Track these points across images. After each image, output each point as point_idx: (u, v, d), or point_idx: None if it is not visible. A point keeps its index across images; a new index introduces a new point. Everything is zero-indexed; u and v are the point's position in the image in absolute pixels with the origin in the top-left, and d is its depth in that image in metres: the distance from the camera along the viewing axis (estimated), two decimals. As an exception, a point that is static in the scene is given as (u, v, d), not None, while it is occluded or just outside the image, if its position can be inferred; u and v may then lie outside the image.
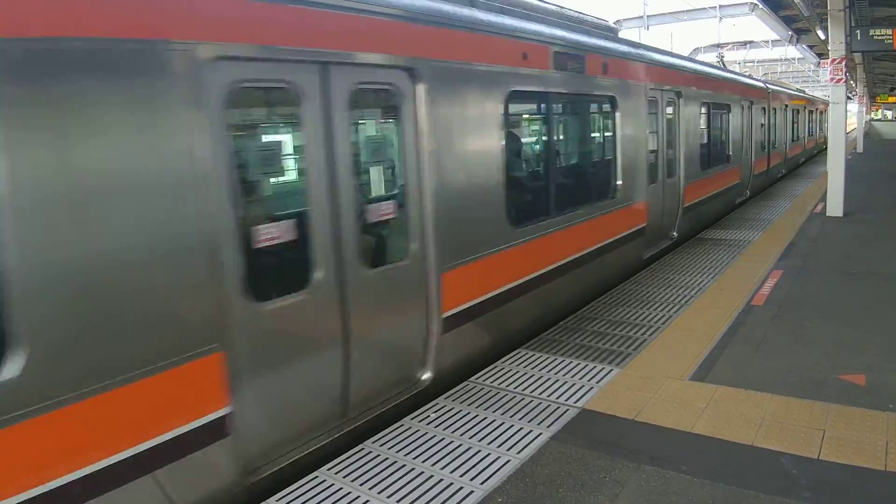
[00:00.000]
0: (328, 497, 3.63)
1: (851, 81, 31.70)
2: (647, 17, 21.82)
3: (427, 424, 4.48)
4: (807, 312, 6.61)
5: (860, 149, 32.23)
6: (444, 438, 4.27)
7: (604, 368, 5.34)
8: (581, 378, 5.17)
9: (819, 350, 5.53)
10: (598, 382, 5.07)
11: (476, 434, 4.32)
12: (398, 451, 4.11)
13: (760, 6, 18.89)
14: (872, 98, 41.93)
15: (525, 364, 5.52)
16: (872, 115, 53.70)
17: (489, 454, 4.05)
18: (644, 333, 6.16)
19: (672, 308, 6.91)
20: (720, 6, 20.95)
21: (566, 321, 6.66)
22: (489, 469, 3.87)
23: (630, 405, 4.64)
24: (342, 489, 3.70)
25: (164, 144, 3.12)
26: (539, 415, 4.56)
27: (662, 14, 22.42)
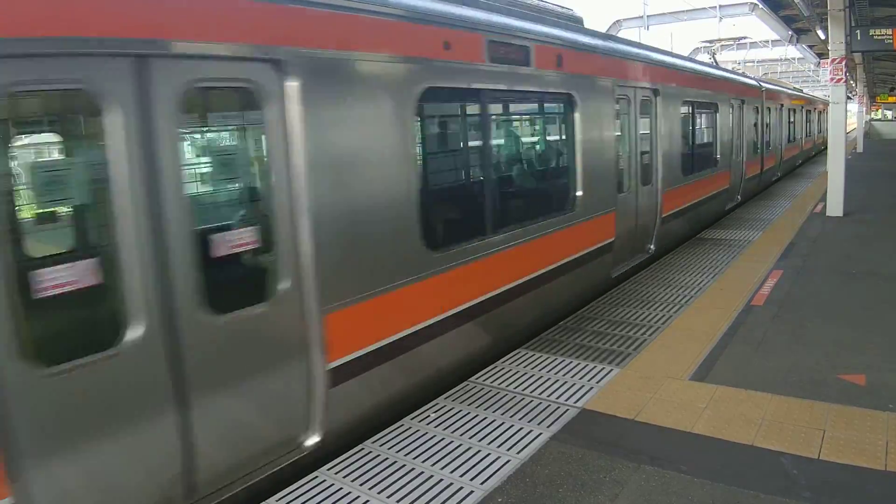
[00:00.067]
0: (328, 497, 3.63)
1: (851, 81, 31.69)
2: (648, 17, 21.81)
3: (427, 424, 4.47)
4: (807, 312, 6.61)
5: (860, 149, 32.23)
6: (444, 438, 4.27)
7: (604, 368, 5.34)
8: (581, 378, 5.17)
9: (819, 350, 5.53)
10: (598, 382, 5.06)
11: (476, 434, 4.31)
12: (398, 451, 4.11)
13: (760, 6, 18.90)
14: (872, 98, 41.92)
15: (525, 364, 5.52)
16: (872, 115, 53.71)
17: (489, 454, 4.04)
18: (644, 333, 6.16)
19: (672, 308, 6.91)
20: (720, 6, 20.93)
21: (566, 321, 6.66)
22: (489, 469, 3.87)
23: (630, 405, 4.64)
24: (342, 489, 3.70)
25: None
26: (539, 415, 4.56)
27: (662, 14, 22.40)
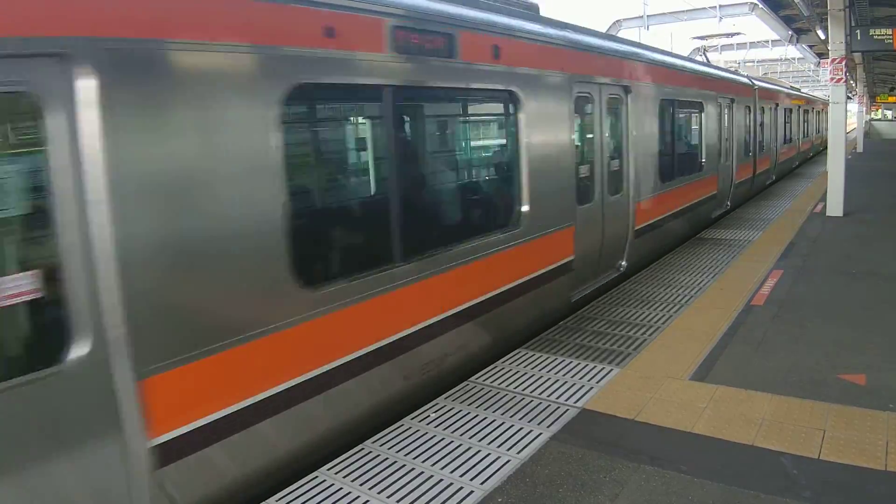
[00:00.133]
0: (328, 497, 3.62)
1: (851, 81, 31.69)
2: (648, 17, 21.82)
3: (427, 424, 4.47)
4: (807, 312, 6.61)
5: (860, 149, 32.24)
6: (444, 438, 4.26)
7: (604, 368, 5.34)
8: (581, 378, 5.17)
9: (819, 350, 5.53)
10: (598, 382, 5.06)
11: (476, 434, 4.31)
12: (398, 451, 4.11)
13: (760, 6, 18.90)
14: (872, 98, 41.91)
15: (525, 364, 5.51)
16: (872, 115, 53.70)
17: (489, 454, 4.04)
18: (644, 333, 6.16)
19: (672, 308, 6.91)
20: (720, 6, 20.92)
21: (566, 321, 6.66)
22: (489, 469, 3.87)
23: (630, 405, 4.64)
24: (342, 489, 3.69)
25: None
26: (539, 415, 4.56)
27: (662, 14, 22.41)
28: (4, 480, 2.70)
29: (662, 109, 9.41)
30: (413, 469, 3.90)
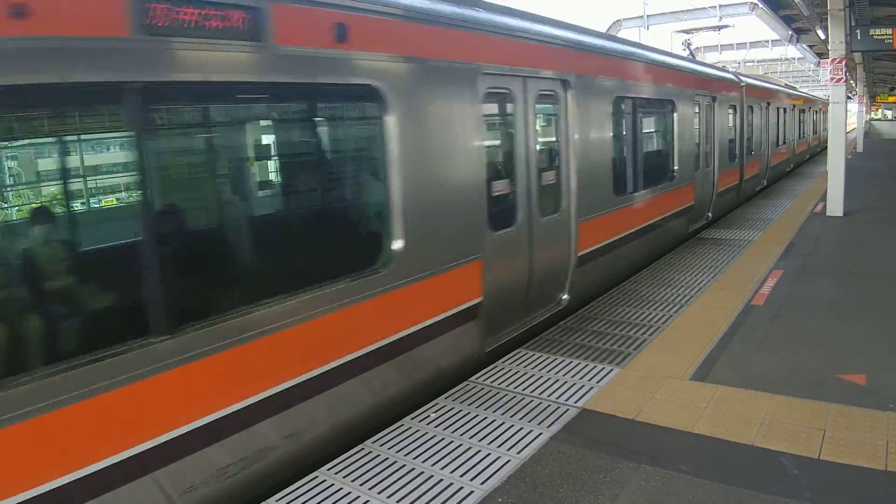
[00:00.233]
0: (328, 497, 3.62)
1: (851, 81, 31.69)
2: (647, 17, 21.83)
3: (427, 424, 4.47)
4: (807, 312, 6.61)
5: (860, 148, 32.27)
6: (444, 438, 4.26)
7: (604, 368, 5.34)
8: (581, 378, 5.17)
9: (819, 350, 5.53)
10: (599, 382, 5.06)
11: (476, 434, 4.31)
12: (398, 451, 4.11)
13: (760, 6, 18.89)
14: (872, 98, 41.91)
15: (525, 364, 5.51)
16: (872, 115, 53.71)
17: (489, 454, 4.04)
18: (644, 333, 6.16)
19: (672, 308, 6.91)
20: (720, 6, 20.92)
21: (566, 321, 6.66)
22: (489, 469, 3.87)
23: (630, 405, 4.64)
24: (342, 489, 3.69)
25: None
26: (539, 415, 4.56)
27: (662, 14, 22.42)
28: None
29: (618, 109, 7.99)
30: (413, 469, 3.90)
